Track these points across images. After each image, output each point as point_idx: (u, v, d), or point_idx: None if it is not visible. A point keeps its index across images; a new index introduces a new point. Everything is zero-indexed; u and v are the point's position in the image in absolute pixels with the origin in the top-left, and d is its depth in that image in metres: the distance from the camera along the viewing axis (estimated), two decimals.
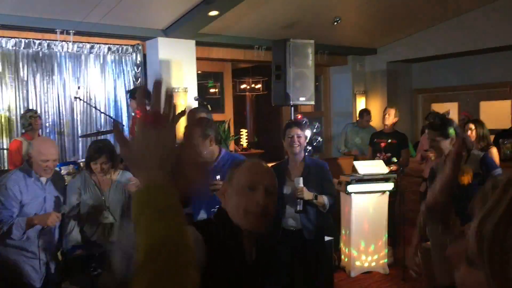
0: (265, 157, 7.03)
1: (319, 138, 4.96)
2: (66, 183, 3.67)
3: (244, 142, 9.90)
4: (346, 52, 8.80)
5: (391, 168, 5.30)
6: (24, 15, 5.52)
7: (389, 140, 5.75)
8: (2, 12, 5.39)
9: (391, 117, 5.82)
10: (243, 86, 11.99)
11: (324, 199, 3.54)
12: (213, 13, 5.97)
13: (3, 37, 5.79)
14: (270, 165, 1.72)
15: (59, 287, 3.40)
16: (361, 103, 8.93)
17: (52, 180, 3.35)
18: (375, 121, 7.46)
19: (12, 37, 5.84)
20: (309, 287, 3.66)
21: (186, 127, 0.95)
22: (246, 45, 7.59)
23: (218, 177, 2.95)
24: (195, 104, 5.92)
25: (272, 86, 5.47)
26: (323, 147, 9.00)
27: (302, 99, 5.15)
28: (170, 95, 0.90)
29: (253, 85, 12.17)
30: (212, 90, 8.81)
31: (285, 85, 5.06)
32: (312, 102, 5.45)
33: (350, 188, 4.92)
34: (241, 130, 10.08)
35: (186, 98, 6.77)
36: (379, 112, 7.64)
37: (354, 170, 5.14)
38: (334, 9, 6.61)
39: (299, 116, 4.96)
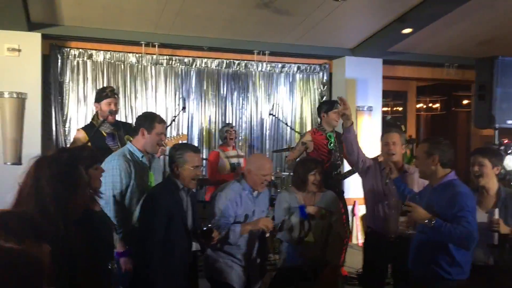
0: None
1: None
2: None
3: None
4: None
5: None
6: (228, 38, 6.09)
7: None
8: (210, 36, 6.02)
9: None
10: (419, 106, 11.46)
11: None
12: (407, 30, 5.82)
13: (210, 58, 6.44)
14: None
15: None
16: None
17: (261, 194, 3.56)
18: None
19: (216, 58, 6.47)
20: None
21: None
22: (434, 63, 7.24)
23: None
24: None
25: (474, 107, 5.09)
26: None
27: (510, 122, 4.69)
28: None
29: (430, 105, 11.56)
30: (384, 109, 8.59)
31: (490, 106, 4.66)
32: None
33: None
34: None
35: (371, 117, 6.70)
36: None
37: None
38: None
39: (506, 141, 4.50)
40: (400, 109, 8.60)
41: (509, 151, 4.52)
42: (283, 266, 3.67)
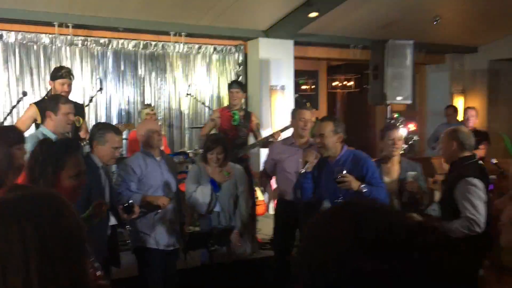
0: None
1: (415, 137, 5.05)
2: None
3: None
4: (445, 50, 8.65)
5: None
6: (144, 20, 6.20)
7: None
8: (126, 17, 6.11)
9: (473, 118, 6.20)
10: (334, 83, 12.13)
11: None
12: (313, 14, 6.25)
13: (126, 39, 6.52)
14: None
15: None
16: (459, 103, 8.73)
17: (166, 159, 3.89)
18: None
19: (133, 39, 6.56)
20: None
21: None
22: (342, 44, 7.78)
23: (344, 171, 3.24)
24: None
25: (369, 86, 5.65)
26: (417, 146, 8.94)
27: (399, 98, 5.28)
28: None
29: (345, 82, 12.27)
30: (303, 87, 9.10)
31: (383, 84, 5.21)
32: (409, 101, 5.54)
33: None
34: None
35: (284, 96, 7.13)
36: (479, 112, 7.48)
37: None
38: (433, 8, 6.59)
39: (395, 116, 5.09)
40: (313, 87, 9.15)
41: (399, 124, 5.14)
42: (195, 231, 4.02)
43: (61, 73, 4.44)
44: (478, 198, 3.13)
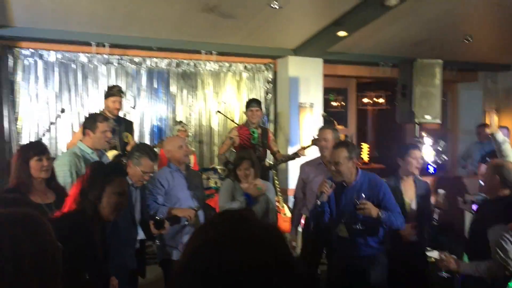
0: (385, 173, 7.14)
1: (444, 156, 5.01)
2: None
3: (365, 156, 10.02)
4: (477, 68, 8.55)
5: None
6: (177, 39, 6.42)
7: None
8: (159, 37, 6.33)
9: None
10: (365, 100, 12.10)
11: None
12: (342, 33, 6.32)
13: (159, 57, 6.74)
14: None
15: None
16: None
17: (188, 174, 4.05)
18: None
19: (166, 58, 6.79)
20: None
21: None
22: (371, 62, 7.81)
23: (363, 197, 3.30)
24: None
25: (397, 104, 5.65)
26: (448, 165, 8.82)
27: (427, 117, 5.26)
28: None
29: (375, 99, 12.22)
30: (334, 104, 9.12)
31: (411, 103, 5.21)
32: (438, 121, 5.52)
33: (476, 208, 4.89)
34: (362, 144, 10.20)
35: (312, 113, 7.19)
36: None
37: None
38: (464, 27, 6.55)
39: (423, 134, 5.07)
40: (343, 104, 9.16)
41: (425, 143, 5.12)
42: None
43: (113, 91, 4.74)
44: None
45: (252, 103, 5.45)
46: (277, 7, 5.06)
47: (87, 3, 5.30)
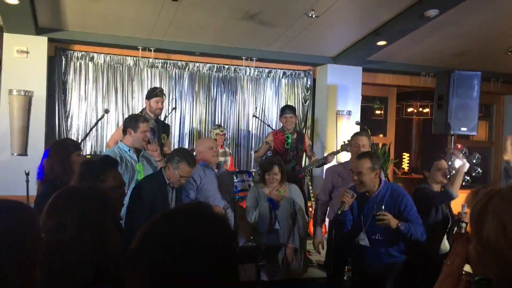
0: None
1: (479, 169, 4.95)
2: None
3: (405, 166, 9.91)
4: None
5: None
6: (219, 45, 6.65)
7: None
8: (202, 42, 6.58)
9: None
10: (410, 110, 11.94)
11: None
12: (381, 43, 6.34)
13: (201, 62, 7.00)
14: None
15: None
16: None
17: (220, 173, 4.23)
18: None
19: (208, 63, 7.03)
20: None
21: None
22: (412, 72, 7.76)
23: (383, 208, 3.36)
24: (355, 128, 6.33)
25: (433, 115, 5.62)
26: (488, 177, 8.62)
27: (463, 129, 5.22)
28: None
29: (420, 109, 12.04)
30: (378, 112, 9.06)
31: (447, 114, 5.18)
32: (475, 133, 5.45)
33: None
34: (404, 153, 10.09)
35: (350, 121, 7.23)
36: None
37: None
38: (507, 38, 6.42)
39: (459, 146, 5.02)
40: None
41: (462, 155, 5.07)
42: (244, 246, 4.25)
43: (156, 92, 5.02)
44: None
45: (286, 109, 5.60)
46: (314, 16, 5.17)
47: (135, 10, 5.61)
